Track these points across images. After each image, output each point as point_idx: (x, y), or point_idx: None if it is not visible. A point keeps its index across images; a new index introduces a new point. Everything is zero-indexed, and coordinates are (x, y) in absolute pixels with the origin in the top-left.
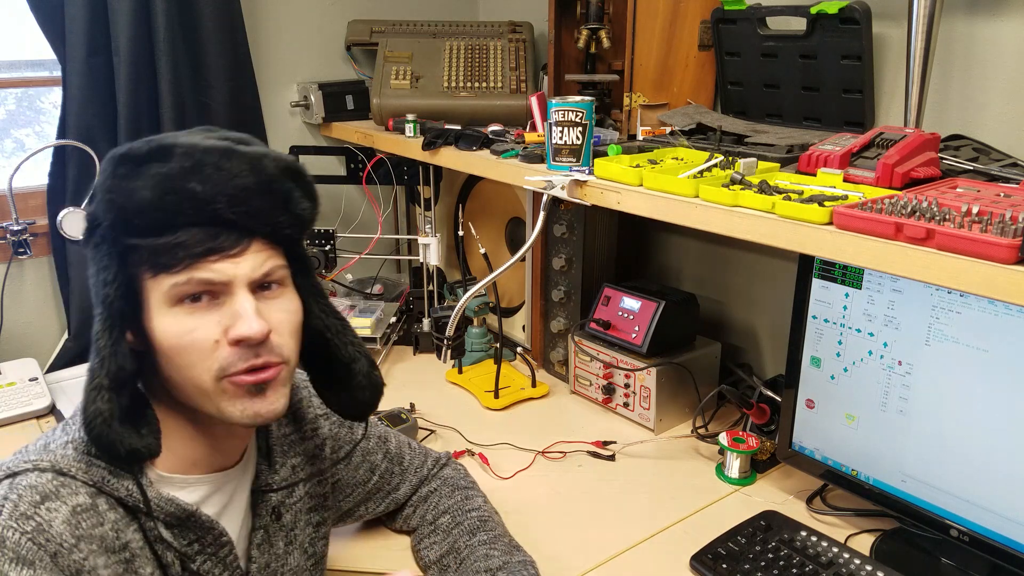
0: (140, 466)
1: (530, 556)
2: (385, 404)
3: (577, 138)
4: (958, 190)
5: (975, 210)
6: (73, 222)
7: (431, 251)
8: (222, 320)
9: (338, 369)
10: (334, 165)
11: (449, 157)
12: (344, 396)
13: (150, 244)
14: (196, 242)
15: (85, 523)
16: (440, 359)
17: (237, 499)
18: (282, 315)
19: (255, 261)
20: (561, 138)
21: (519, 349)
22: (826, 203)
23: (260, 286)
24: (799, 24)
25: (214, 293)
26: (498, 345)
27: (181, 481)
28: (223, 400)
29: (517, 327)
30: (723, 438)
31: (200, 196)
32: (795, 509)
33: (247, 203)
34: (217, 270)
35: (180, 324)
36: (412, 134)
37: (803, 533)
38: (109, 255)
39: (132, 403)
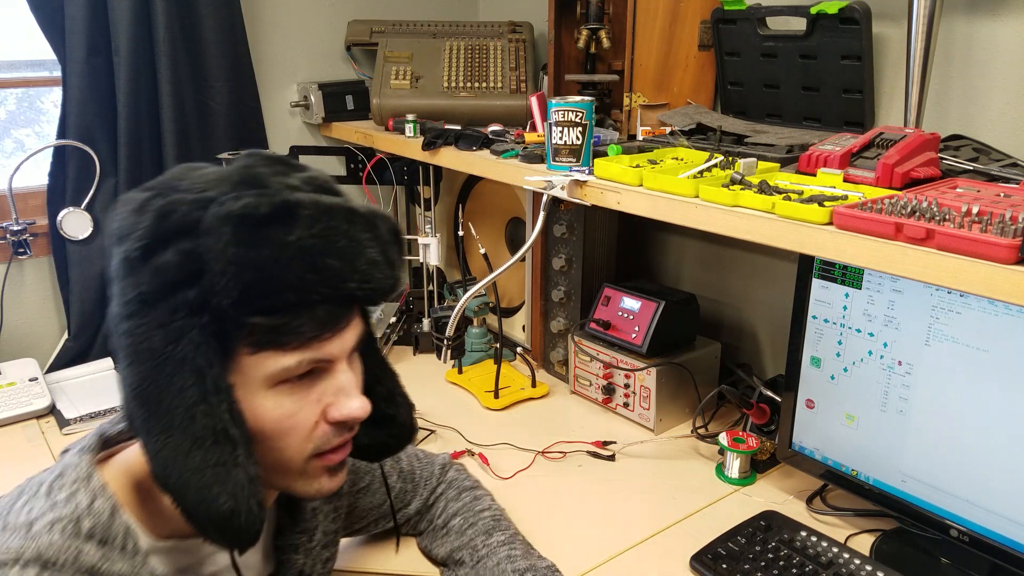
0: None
1: (548, 558)
2: None
3: (577, 138)
4: (958, 190)
5: (975, 210)
6: (73, 222)
7: (431, 251)
8: (322, 398)
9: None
10: (334, 165)
11: (449, 157)
12: (377, 433)
13: (270, 323)
14: (319, 323)
15: None
16: (440, 359)
17: (251, 554)
18: (358, 379)
19: (354, 332)
20: (561, 138)
21: (519, 349)
22: (826, 203)
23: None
24: (799, 24)
25: (316, 371)
26: (498, 345)
27: (183, 547)
28: (301, 480)
29: (517, 327)
30: (723, 438)
31: (338, 274)
32: (795, 509)
33: (373, 279)
34: (328, 349)
35: (281, 407)
36: (412, 134)
37: (803, 533)
38: (202, 329)
39: None
